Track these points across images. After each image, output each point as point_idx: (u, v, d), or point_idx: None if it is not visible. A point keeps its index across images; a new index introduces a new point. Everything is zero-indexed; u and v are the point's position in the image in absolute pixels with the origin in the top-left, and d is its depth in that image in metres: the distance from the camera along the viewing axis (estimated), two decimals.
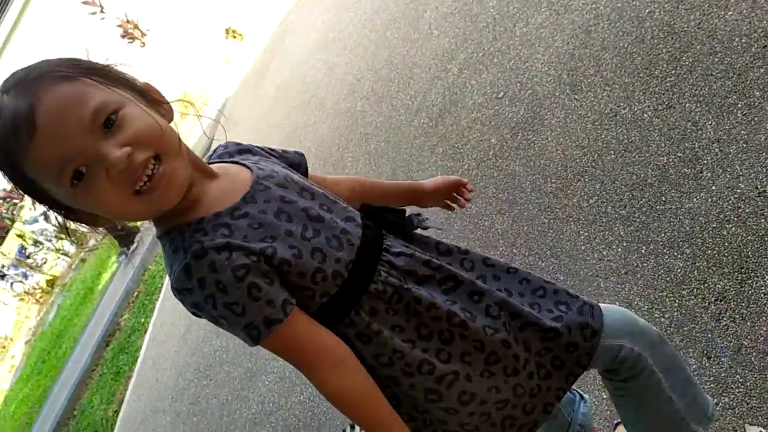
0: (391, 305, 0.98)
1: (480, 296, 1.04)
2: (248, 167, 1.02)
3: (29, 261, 13.51)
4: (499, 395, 1.04)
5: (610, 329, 1.12)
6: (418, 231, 1.15)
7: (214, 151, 1.11)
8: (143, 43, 10.13)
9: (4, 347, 13.29)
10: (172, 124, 0.97)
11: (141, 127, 0.86)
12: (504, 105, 2.83)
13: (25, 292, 13.24)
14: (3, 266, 13.71)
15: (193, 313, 0.94)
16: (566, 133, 2.39)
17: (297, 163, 1.18)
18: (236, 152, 1.10)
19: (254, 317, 0.89)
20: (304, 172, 1.18)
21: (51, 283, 13.12)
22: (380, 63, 4.29)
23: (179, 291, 0.90)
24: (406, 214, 1.15)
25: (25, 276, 13.65)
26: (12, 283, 13.58)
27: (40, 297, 13.12)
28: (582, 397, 1.42)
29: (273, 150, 1.16)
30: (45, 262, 13.57)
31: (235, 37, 9.54)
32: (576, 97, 2.45)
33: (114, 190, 0.85)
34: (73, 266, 12.71)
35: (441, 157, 3.04)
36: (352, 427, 2.56)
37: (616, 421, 1.59)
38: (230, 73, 8.84)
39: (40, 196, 0.88)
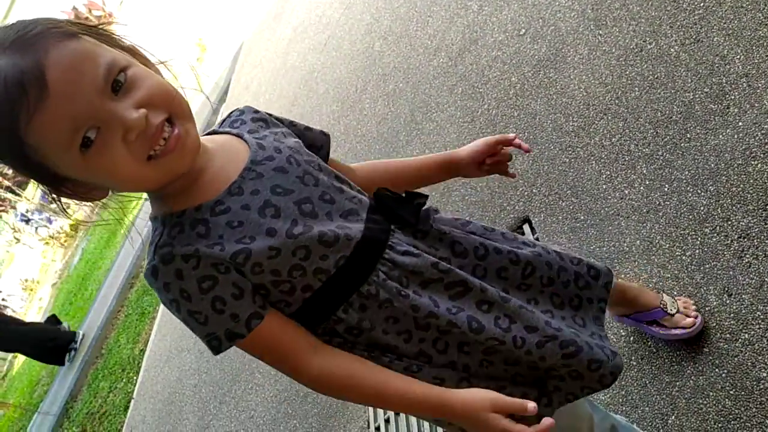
0: (384, 307, 0.93)
1: (490, 306, 0.96)
2: (248, 144, 0.95)
3: (53, 206, 13.69)
4: (495, 382, 1.01)
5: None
6: (437, 225, 1.03)
7: (229, 115, 1.05)
8: None
9: (31, 290, 13.64)
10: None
11: (152, 88, 0.82)
12: (525, 42, 2.76)
13: (50, 236, 13.50)
14: (27, 211, 13.94)
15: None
16: (589, 70, 2.33)
17: (318, 145, 1.09)
18: (250, 120, 1.02)
19: (216, 329, 0.88)
20: (325, 156, 1.08)
21: (75, 227, 13.33)
22: (398, 1, 4.19)
23: (149, 284, 0.89)
24: (424, 207, 1.03)
25: (49, 220, 13.89)
26: (36, 228, 13.83)
27: (65, 241, 13.38)
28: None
29: (294, 124, 1.07)
30: (68, 207, 13.76)
31: None
32: (600, 32, 2.38)
33: (128, 156, 0.80)
34: (95, 211, 12.87)
35: (460, 97, 2.99)
36: None
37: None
38: (246, 16, 8.70)
39: (31, 168, 0.81)
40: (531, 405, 0.87)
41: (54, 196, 0.88)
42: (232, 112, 1.05)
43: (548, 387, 1.03)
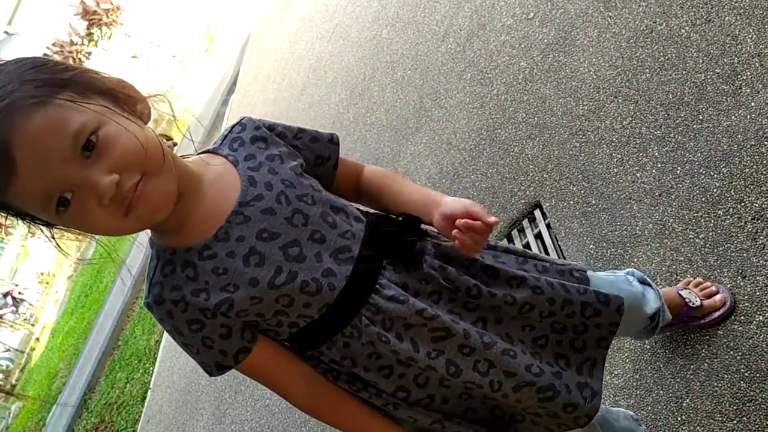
0: (366, 346, 0.94)
1: (471, 351, 0.97)
2: (240, 177, 0.94)
3: None
4: (475, 415, 1.04)
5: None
6: (430, 263, 0.99)
7: (231, 129, 1.02)
8: None
9: (47, 283, 13.78)
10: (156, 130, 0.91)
11: (124, 149, 0.81)
12: (534, 26, 2.74)
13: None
14: None
15: None
16: (599, 52, 2.31)
17: (326, 155, 1.06)
18: (249, 140, 0.99)
19: (207, 359, 0.95)
20: (333, 165, 1.06)
21: None
22: None
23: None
24: (425, 237, 1.02)
25: None
26: None
27: (79, 234, 13.48)
28: None
29: (300, 136, 1.03)
30: (60, 236, 13.87)
31: None
32: (609, 14, 2.36)
33: (105, 216, 0.82)
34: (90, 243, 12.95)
35: (469, 83, 2.98)
36: None
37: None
38: (253, 6, 8.69)
39: (24, 217, 0.85)
40: None
41: (50, 235, 0.90)
42: (234, 126, 1.03)
43: (525, 420, 1.05)
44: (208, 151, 1.01)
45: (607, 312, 1.06)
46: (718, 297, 1.54)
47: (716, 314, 1.53)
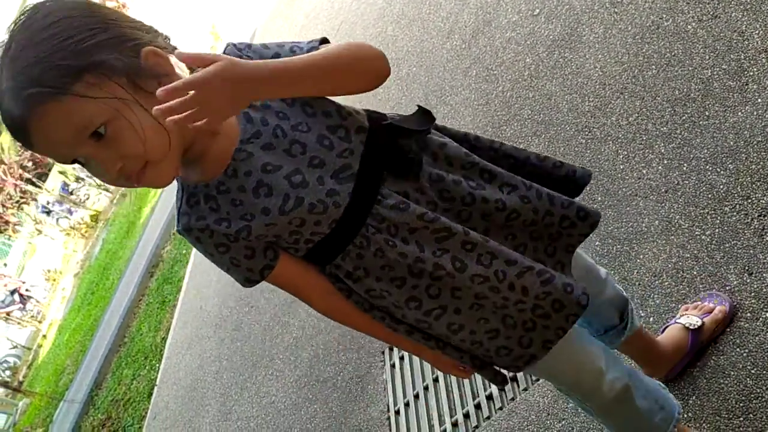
0: (378, 256, 1.01)
1: (473, 246, 1.02)
2: (237, 117, 0.98)
3: (72, 197, 13.87)
4: (488, 325, 1.08)
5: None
6: (428, 170, 1.04)
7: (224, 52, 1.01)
8: None
9: (54, 280, 13.84)
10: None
11: (128, 146, 0.89)
12: (540, 22, 2.73)
13: (71, 227, 13.67)
14: (48, 203, 14.12)
15: None
16: (605, 49, 2.31)
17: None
18: None
19: (237, 276, 1.06)
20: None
21: (95, 218, 13.49)
22: None
23: None
24: (428, 133, 1.06)
25: (70, 212, 14.06)
26: (58, 219, 14.02)
27: (85, 232, 13.54)
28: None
29: (280, 53, 1.02)
30: (87, 198, 13.93)
31: None
32: (616, 10, 2.35)
33: (116, 180, 0.94)
34: (115, 201, 13.01)
35: (475, 80, 2.97)
36: (391, 349, 2.63)
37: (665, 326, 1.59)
38: (258, 3, 8.69)
39: None
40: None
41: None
42: (226, 48, 1.03)
43: (537, 328, 1.09)
44: None
45: (581, 226, 1.12)
46: (717, 309, 1.53)
47: (721, 326, 1.53)
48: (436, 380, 2.32)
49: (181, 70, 0.95)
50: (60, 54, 0.85)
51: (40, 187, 13.56)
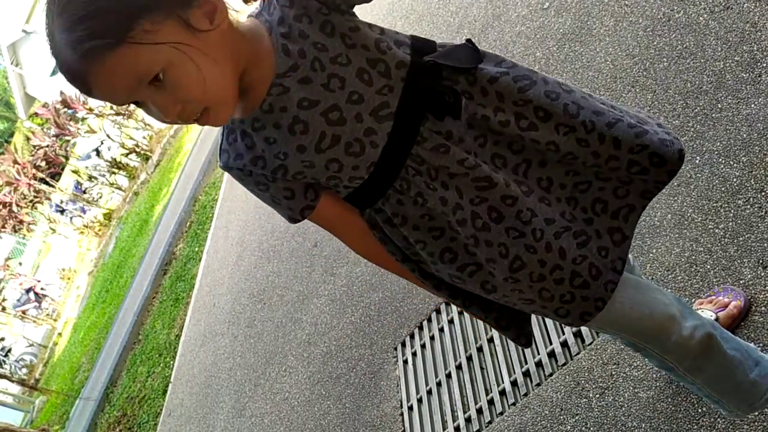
0: (416, 202, 0.99)
1: (513, 201, 0.99)
2: (274, 48, 0.93)
3: (85, 196, 13.96)
4: (522, 295, 1.05)
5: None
6: (472, 109, 0.99)
7: None
8: None
9: (69, 279, 13.95)
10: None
11: (187, 92, 0.87)
12: (550, 16, 2.72)
13: (85, 225, 13.76)
14: (62, 201, 14.22)
15: None
16: (616, 42, 2.29)
17: None
18: (276, 1, 0.96)
19: (281, 212, 1.07)
20: None
21: (108, 216, 13.58)
22: None
23: None
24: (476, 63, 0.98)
25: (83, 210, 14.15)
26: (71, 218, 14.12)
27: (99, 230, 13.62)
28: None
29: None
30: (100, 197, 14.02)
31: None
32: (626, 2, 2.33)
33: (173, 120, 0.93)
34: (127, 199, 13.09)
35: None
36: (403, 345, 2.63)
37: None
38: None
39: None
40: None
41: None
42: None
43: (575, 299, 1.06)
44: (253, 16, 0.99)
45: (656, 172, 1.02)
46: (732, 305, 1.51)
47: (737, 320, 1.52)
48: (449, 376, 2.32)
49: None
50: (108, 16, 0.82)
51: (53, 186, 13.66)
